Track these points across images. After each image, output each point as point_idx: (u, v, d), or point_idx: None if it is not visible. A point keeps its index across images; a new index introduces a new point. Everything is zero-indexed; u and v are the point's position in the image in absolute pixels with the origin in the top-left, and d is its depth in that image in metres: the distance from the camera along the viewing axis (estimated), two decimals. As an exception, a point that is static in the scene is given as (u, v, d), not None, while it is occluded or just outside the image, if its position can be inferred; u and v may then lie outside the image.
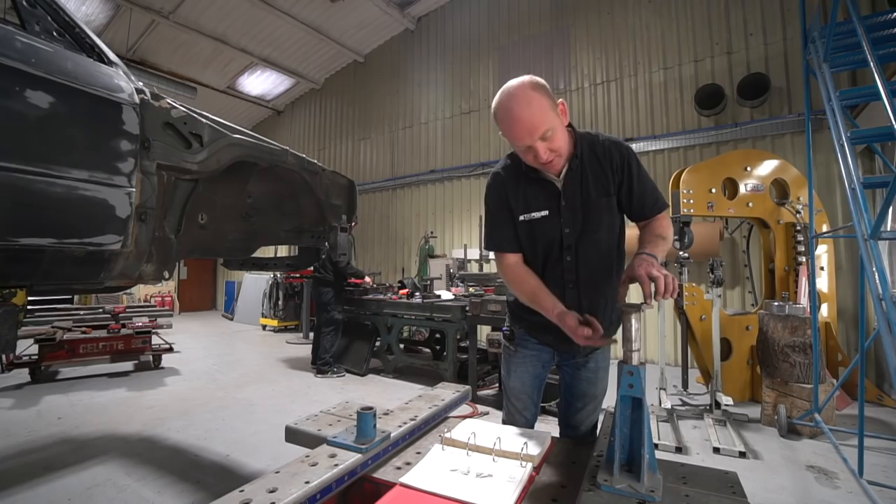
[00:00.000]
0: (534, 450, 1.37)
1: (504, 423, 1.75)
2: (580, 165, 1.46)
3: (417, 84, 8.82)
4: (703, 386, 4.40)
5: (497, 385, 4.51)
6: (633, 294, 1.45)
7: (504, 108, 1.30)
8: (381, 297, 5.37)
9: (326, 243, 2.56)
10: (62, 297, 9.59)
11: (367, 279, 5.56)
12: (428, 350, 5.94)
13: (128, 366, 5.49)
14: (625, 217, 1.55)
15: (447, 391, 2.08)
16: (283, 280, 8.83)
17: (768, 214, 4.25)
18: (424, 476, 1.26)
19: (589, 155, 1.47)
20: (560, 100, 1.37)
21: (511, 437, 1.47)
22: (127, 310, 5.79)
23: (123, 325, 5.21)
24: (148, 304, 9.80)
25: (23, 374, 4.83)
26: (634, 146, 6.14)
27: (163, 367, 5.51)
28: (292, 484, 1.15)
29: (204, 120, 1.78)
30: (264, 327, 9.16)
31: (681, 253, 3.95)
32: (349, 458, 1.31)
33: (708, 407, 3.74)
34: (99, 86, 1.41)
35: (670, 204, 4.02)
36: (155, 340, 5.63)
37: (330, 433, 1.49)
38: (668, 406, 3.67)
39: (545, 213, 1.49)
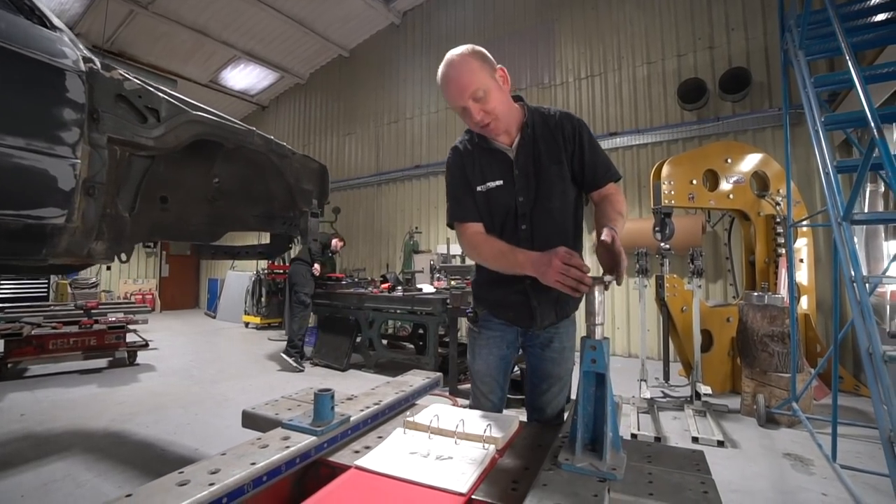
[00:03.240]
0: (497, 432, 1.33)
1: (471, 407, 1.71)
2: (532, 135, 1.48)
3: (403, 79, 8.75)
4: (685, 378, 4.41)
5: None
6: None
7: (442, 74, 1.36)
8: (363, 291, 5.29)
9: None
10: (37, 294, 9.36)
11: (316, 266, 5.50)
12: (412, 346, 5.88)
13: (102, 363, 5.32)
14: (583, 195, 1.55)
15: (417, 378, 2.03)
16: (266, 276, 8.70)
17: (749, 206, 4.27)
18: (381, 459, 1.21)
19: (541, 126, 1.50)
20: (500, 66, 1.40)
21: (476, 420, 1.43)
22: (100, 305, 5.62)
23: (96, 321, 5.05)
24: (127, 300, 9.59)
25: (-11, 372, 4.66)
26: (618, 140, 6.16)
27: (138, 364, 5.37)
28: (237, 465, 1.09)
29: (161, 95, 1.70)
30: (247, 325, 9.01)
31: (662, 244, 3.95)
32: (302, 441, 1.25)
33: (688, 398, 3.74)
34: (38, 49, 1.32)
35: (651, 196, 4.05)
36: (132, 338, 5.50)
37: (288, 417, 1.43)
38: (648, 396, 3.65)
39: (500, 182, 1.49)
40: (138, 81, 1.62)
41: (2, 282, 9.03)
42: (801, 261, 4.36)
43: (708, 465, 1.15)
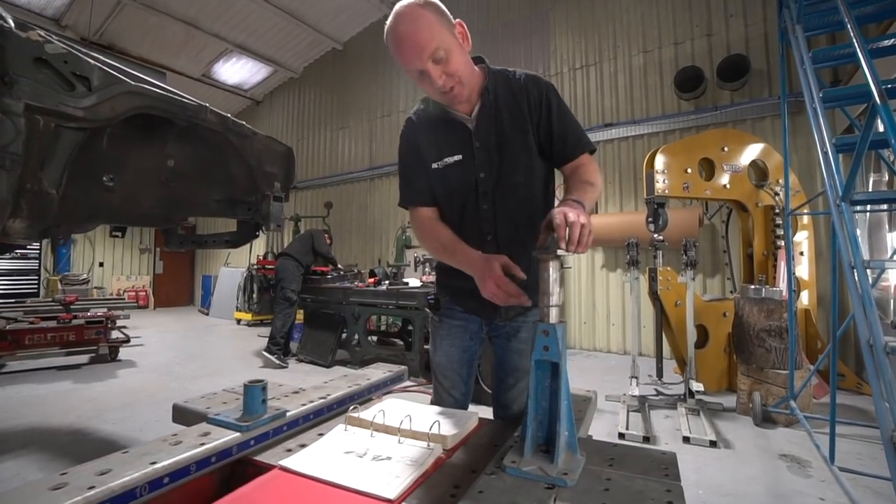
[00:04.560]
0: (448, 430, 1.18)
1: (432, 404, 1.56)
2: (494, 103, 1.31)
3: (396, 72, 8.58)
4: (680, 376, 4.25)
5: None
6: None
7: (390, 31, 1.16)
8: (348, 285, 5.16)
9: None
10: (27, 291, 9.27)
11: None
12: (401, 342, 5.74)
13: (83, 359, 5.20)
14: (553, 170, 1.39)
15: (378, 371, 1.89)
16: (257, 272, 8.57)
17: (747, 197, 4.10)
18: (311, 459, 1.06)
19: (504, 91, 1.32)
20: (458, 20, 1.23)
21: (429, 416, 1.27)
22: (79, 300, 5.50)
23: (75, 316, 4.93)
24: (119, 297, 9.49)
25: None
26: (614, 132, 6.00)
27: (120, 360, 5.24)
28: (134, 466, 0.95)
29: (92, 62, 1.55)
30: (239, 321, 8.89)
31: (655, 236, 3.79)
32: (222, 438, 1.11)
33: (682, 396, 3.58)
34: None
35: (644, 186, 3.89)
36: (117, 335, 5.37)
37: (218, 411, 1.29)
38: (637, 393, 3.49)
39: (458, 157, 1.32)
40: (64, 47, 1.48)
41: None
42: (802, 254, 4.19)
43: (678, 469, 0.99)
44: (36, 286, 9.49)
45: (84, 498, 0.82)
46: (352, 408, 1.31)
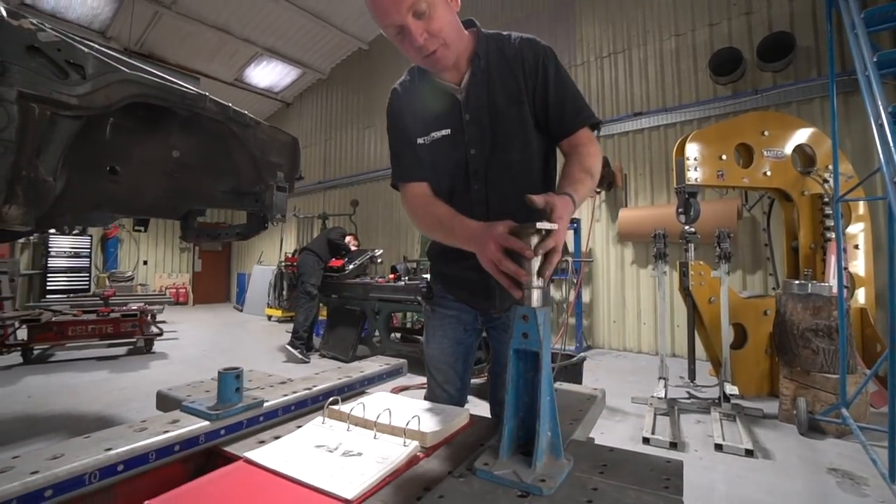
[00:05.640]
0: (429, 427, 1.08)
1: (426, 399, 1.47)
2: (486, 70, 1.17)
3: (421, 69, 8.56)
4: (715, 378, 3.96)
5: (486, 374, 4.21)
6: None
7: None
8: (368, 281, 5.15)
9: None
10: (80, 287, 9.88)
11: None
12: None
13: (121, 350, 5.47)
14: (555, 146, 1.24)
15: (374, 364, 1.81)
16: (286, 269, 8.75)
17: (791, 185, 3.76)
18: (276, 453, 1.00)
19: (497, 57, 1.18)
20: None
21: (412, 412, 1.18)
22: (117, 294, 5.78)
23: (112, 309, 5.17)
24: (160, 294, 9.98)
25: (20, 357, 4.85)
26: (644, 121, 5.70)
27: (154, 353, 5.46)
28: (90, 451, 0.91)
29: (86, 50, 1.56)
30: (269, 318, 9.12)
31: (686, 228, 3.54)
32: (189, 426, 1.06)
33: (716, 400, 3.32)
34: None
35: (674, 174, 3.63)
36: (155, 329, 5.61)
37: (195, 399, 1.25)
38: (663, 395, 3.26)
39: (446, 131, 1.20)
40: (57, 35, 1.49)
41: (52, 276, 9.62)
42: (857, 247, 3.80)
43: (682, 481, 0.84)
44: (87, 282, 10.10)
45: (22, 483, 0.78)
46: (331, 400, 1.23)
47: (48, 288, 9.38)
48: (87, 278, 10.14)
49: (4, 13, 1.37)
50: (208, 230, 2.91)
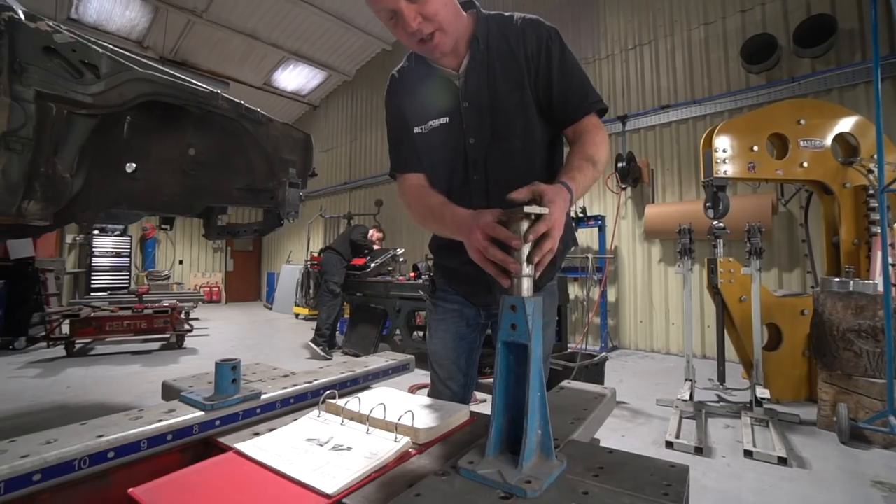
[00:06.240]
0: (424, 423, 1.05)
1: (429, 395, 1.44)
2: (485, 54, 1.12)
3: (443, 67, 8.56)
4: (747, 381, 3.75)
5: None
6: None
7: None
8: (389, 279, 5.18)
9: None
10: (122, 286, 10.40)
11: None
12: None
13: (155, 345, 5.71)
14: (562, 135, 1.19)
15: (380, 359, 1.79)
16: (312, 268, 8.92)
17: (830, 177, 3.52)
18: (266, 445, 0.99)
19: (498, 40, 1.12)
20: None
21: (408, 407, 1.15)
22: (150, 292, 6.03)
23: (146, 306, 5.40)
24: (195, 292, 10.38)
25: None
26: (671, 114, 5.48)
27: (185, 348, 5.67)
28: (82, 438, 0.93)
29: (100, 50, 1.62)
30: (297, 315, 9.32)
31: (714, 223, 3.37)
32: (183, 416, 1.07)
33: (747, 404, 3.15)
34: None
35: (702, 167, 3.47)
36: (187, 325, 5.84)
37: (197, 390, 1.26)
38: (686, 398, 3.11)
39: (444, 120, 1.16)
40: (72, 36, 1.54)
41: (96, 275, 10.18)
42: (906, 242, 3.52)
43: (684, 488, 0.77)
44: (128, 281, 10.62)
45: (11, 466, 0.80)
46: (327, 393, 1.22)
47: (92, 286, 9.91)
48: (127, 277, 10.66)
49: (23, 16, 1.43)
50: (228, 228, 2.99)
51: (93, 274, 10.10)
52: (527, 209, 0.81)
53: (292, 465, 0.88)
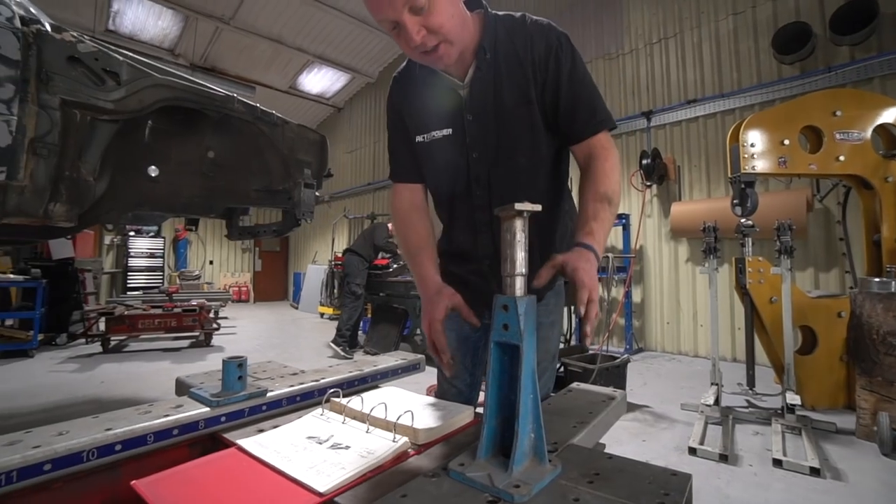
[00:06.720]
0: (421, 423, 1.04)
1: (436, 395, 1.43)
2: (492, 63, 1.05)
3: (464, 67, 8.53)
4: (779, 386, 3.58)
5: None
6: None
7: None
8: (409, 279, 5.21)
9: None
10: (157, 285, 10.85)
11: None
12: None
13: (185, 343, 5.92)
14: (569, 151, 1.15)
15: (390, 359, 1.79)
16: (335, 268, 9.07)
17: (871, 171, 3.31)
18: (267, 442, 1.01)
19: (506, 47, 1.05)
20: None
21: (410, 407, 1.15)
22: (180, 291, 6.26)
23: (175, 305, 5.61)
24: (225, 291, 10.74)
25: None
26: (699, 109, 5.29)
27: (213, 346, 5.86)
28: (92, 430, 0.97)
29: (121, 58, 1.68)
30: (322, 315, 9.49)
31: (742, 220, 3.23)
32: (189, 411, 1.09)
33: (779, 410, 3.00)
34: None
35: (728, 163, 3.33)
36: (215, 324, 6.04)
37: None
38: (710, 402, 2.98)
39: (447, 131, 1.11)
40: (94, 45, 1.61)
41: (132, 274, 10.67)
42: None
43: (684, 498, 0.73)
44: (161, 280, 11.08)
45: (23, 456, 0.83)
46: (331, 391, 1.23)
47: (128, 285, 10.39)
48: (160, 277, 11.12)
49: (49, 28, 1.51)
50: (249, 229, 3.08)
51: (129, 274, 10.59)
52: (518, 206, 0.79)
53: (290, 462, 0.89)
